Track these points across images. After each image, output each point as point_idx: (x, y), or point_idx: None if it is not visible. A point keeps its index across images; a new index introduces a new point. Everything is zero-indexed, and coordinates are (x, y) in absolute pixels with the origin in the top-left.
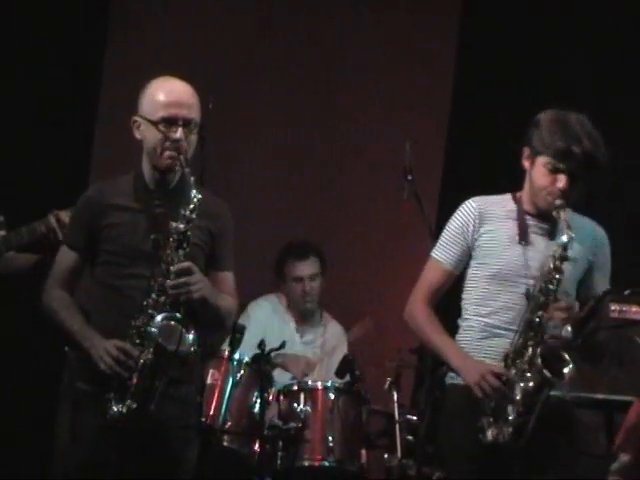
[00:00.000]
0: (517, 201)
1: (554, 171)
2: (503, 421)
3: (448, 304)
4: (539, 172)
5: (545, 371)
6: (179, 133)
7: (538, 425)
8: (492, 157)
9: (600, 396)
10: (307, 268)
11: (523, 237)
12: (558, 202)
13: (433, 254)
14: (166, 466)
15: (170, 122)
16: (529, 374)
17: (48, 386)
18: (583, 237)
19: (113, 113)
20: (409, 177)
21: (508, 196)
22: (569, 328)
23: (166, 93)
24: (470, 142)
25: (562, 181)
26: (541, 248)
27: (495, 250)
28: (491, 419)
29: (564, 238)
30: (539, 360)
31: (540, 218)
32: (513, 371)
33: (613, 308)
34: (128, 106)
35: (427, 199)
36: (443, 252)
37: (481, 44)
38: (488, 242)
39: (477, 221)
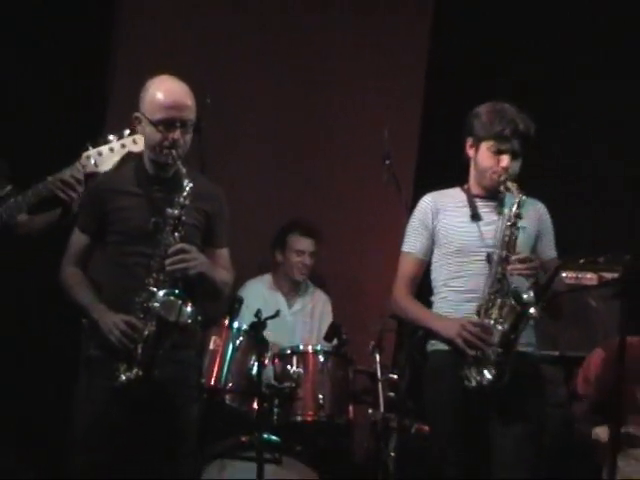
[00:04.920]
0: (465, 191)
1: (497, 152)
2: (484, 364)
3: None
4: (484, 155)
5: (516, 305)
6: (177, 134)
7: (510, 378)
8: (464, 141)
9: (560, 353)
10: (310, 245)
11: (475, 216)
12: (503, 177)
13: (402, 249)
14: (170, 421)
15: (169, 124)
16: (502, 319)
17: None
18: (527, 211)
19: (124, 94)
20: (387, 162)
21: (457, 189)
22: (531, 293)
23: (165, 95)
24: (443, 127)
25: (505, 160)
26: (492, 221)
27: (452, 231)
28: (472, 367)
29: (516, 198)
30: (511, 300)
31: (488, 198)
32: (487, 320)
33: (570, 275)
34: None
35: (403, 180)
36: (410, 243)
37: (455, 28)
38: (446, 226)
39: (434, 211)
